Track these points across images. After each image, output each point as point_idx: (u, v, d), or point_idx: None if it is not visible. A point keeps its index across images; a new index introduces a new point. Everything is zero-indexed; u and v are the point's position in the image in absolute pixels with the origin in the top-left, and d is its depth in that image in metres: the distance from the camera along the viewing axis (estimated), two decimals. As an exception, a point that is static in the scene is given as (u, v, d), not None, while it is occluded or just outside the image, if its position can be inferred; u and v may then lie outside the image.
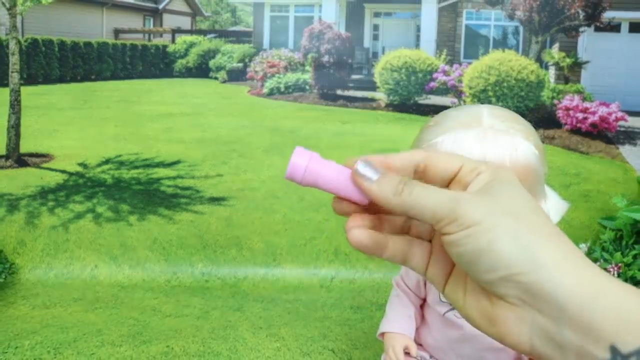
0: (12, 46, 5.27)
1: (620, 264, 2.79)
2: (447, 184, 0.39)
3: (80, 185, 4.75)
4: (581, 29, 8.72)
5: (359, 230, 0.39)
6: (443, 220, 0.35)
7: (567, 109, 7.47)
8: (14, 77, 5.31)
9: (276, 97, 9.88)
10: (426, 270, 0.40)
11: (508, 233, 0.34)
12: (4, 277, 3.48)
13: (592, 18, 8.44)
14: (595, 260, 2.93)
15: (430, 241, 0.41)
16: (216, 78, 12.51)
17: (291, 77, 10.14)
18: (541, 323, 0.34)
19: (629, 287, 0.34)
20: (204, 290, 3.48)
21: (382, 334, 1.22)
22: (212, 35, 15.09)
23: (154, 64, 13.40)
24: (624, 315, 0.32)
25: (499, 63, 7.79)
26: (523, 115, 0.79)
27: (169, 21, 17.00)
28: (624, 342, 0.31)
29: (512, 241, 0.34)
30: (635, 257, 2.82)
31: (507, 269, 0.34)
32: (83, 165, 5.32)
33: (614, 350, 0.31)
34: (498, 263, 0.34)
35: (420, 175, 0.39)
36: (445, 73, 8.59)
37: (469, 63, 8.67)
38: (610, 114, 7.30)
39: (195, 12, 18.69)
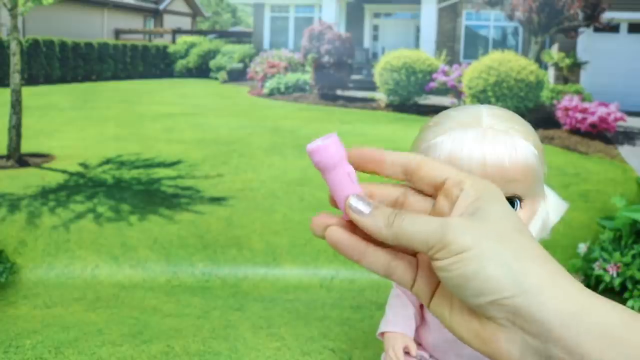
0: (14, 47, 5.28)
1: (619, 264, 2.81)
2: (435, 190, 0.41)
3: (81, 185, 4.76)
4: (580, 30, 8.72)
5: (337, 229, 0.40)
6: (434, 248, 0.36)
7: (566, 109, 7.47)
8: (15, 78, 5.32)
9: (276, 98, 9.87)
10: (412, 285, 0.41)
11: (495, 259, 0.35)
12: (5, 277, 3.49)
13: (591, 19, 8.45)
14: (594, 260, 2.94)
15: (414, 255, 0.41)
16: (216, 78, 12.49)
17: (291, 78, 10.13)
18: (530, 343, 0.35)
19: (612, 304, 0.35)
20: (205, 290, 3.49)
21: (382, 333, 1.22)
22: (212, 35, 15.07)
23: (154, 64, 13.36)
24: (608, 331, 0.33)
25: (498, 63, 7.80)
26: (522, 115, 0.80)
27: (170, 22, 16.95)
28: (609, 358, 0.33)
29: (499, 266, 0.35)
30: (634, 256, 2.84)
31: (495, 293, 0.35)
32: (84, 165, 5.33)
33: None
34: (486, 288, 0.35)
35: (409, 177, 0.40)
36: (444, 73, 8.60)
37: (469, 63, 8.67)
38: (609, 114, 7.29)
39: (195, 13, 18.67)
